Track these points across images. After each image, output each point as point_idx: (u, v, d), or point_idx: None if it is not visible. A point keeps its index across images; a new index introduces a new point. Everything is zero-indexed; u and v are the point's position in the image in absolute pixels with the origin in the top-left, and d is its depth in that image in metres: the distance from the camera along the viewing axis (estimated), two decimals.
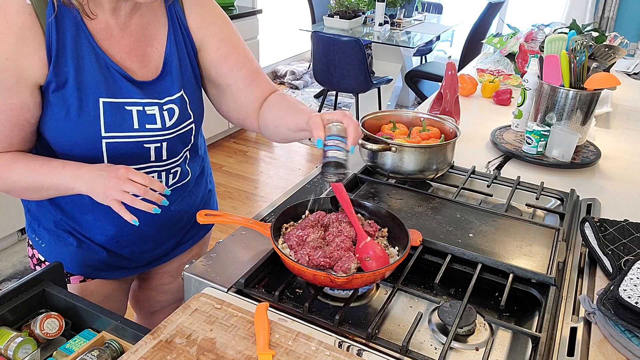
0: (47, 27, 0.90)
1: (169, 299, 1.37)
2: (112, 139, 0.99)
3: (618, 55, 1.58)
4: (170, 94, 1.04)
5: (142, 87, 1.01)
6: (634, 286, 0.90)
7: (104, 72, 0.96)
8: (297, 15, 5.76)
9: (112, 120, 0.97)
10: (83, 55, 0.94)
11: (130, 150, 1.01)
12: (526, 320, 0.97)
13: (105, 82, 0.96)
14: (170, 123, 1.04)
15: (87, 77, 0.95)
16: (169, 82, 1.04)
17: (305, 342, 0.82)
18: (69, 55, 0.93)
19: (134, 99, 0.99)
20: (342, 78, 4.04)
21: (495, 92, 2.18)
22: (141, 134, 1.01)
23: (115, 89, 0.97)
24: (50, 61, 0.91)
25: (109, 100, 0.97)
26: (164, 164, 1.08)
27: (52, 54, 0.91)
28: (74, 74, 0.93)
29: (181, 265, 1.30)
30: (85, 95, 0.95)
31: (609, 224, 1.13)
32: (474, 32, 4.45)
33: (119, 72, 0.97)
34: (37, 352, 0.85)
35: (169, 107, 1.04)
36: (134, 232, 1.13)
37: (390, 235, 1.05)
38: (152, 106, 1.01)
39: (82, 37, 0.94)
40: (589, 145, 1.69)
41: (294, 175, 3.79)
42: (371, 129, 1.43)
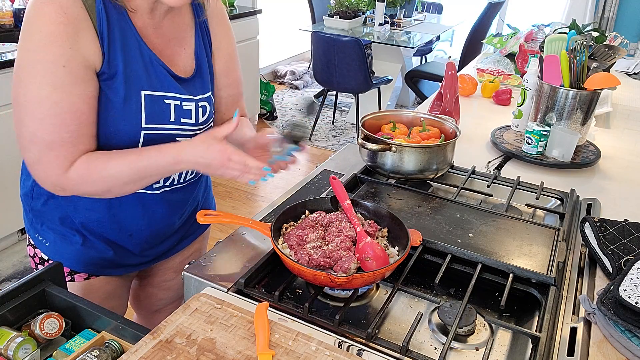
0: (97, 19, 0.92)
1: (170, 296, 1.37)
2: (150, 130, 1.01)
3: (618, 55, 1.58)
4: (203, 92, 1.09)
5: (181, 83, 1.04)
6: (634, 286, 0.90)
7: (147, 65, 0.99)
8: (297, 15, 5.76)
9: (152, 112, 1.00)
10: (130, 48, 0.96)
11: (164, 141, 1.03)
12: (526, 320, 0.97)
13: (148, 76, 0.99)
14: (202, 119, 1.08)
15: (133, 70, 0.97)
16: (202, 81, 1.09)
17: (305, 342, 0.82)
18: (119, 47, 0.95)
19: (173, 94, 1.02)
20: (342, 78, 4.04)
21: (495, 92, 2.18)
22: (176, 127, 1.04)
23: (156, 83, 1.00)
24: (104, 52, 0.93)
25: (150, 93, 0.99)
26: None
27: (104, 45, 0.93)
28: (122, 65, 0.95)
29: (183, 260, 1.31)
30: (130, 87, 0.97)
31: (609, 224, 1.13)
32: (474, 32, 4.45)
33: (162, 66, 1.01)
34: (37, 352, 0.85)
35: (203, 104, 1.08)
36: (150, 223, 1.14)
37: (390, 235, 1.05)
38: (189, 102, 1.05)
39: (129, 31, 0.96)
40: (589, 145, 1.69)
41: (294, 175, 3.79)
42: (371, 129, 1.43)
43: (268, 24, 4.70)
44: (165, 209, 1.14)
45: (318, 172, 1.43)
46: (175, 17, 1.05)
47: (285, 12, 5.95)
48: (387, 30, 4.59)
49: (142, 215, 1.12)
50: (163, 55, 1.02)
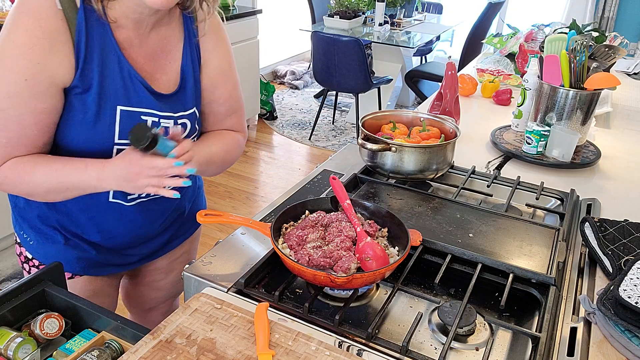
0: (77, 32, 0.91)
1: (161, 295, 1.37)
2: (124, 145, 1.00)
3: (618, 55, 1.58)
4: (185, 109, 1.07)
5: (160, 99, 1.02)
6: (634, 286, 0.90)
7: (126, 81, 0.98)
8: (297, 15, 5.76)
9: (126, 128, 0.98)
10: (108, 62, 0.95)
11: None
12: (526, 320, 0.97)
13: (126, 91, 0.98)
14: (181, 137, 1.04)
15: (110, 85, 0.96)
16: (184, 97, 1.06)
17: (305, 342, 0.82)
18: (96, 61, 0.94)
19: (151, 110, 1.01)
20: (342, 78, 4.04)
21: (495, 92, 2.18)
22: None
23: (134, 98, 0.99)
24: (78, 66, 0.92)
25: (127, 108, 0.98)
26: None
27: (80, 60, 0.92)
28: (98, 80, 0.95)
29: (172, 261, 1.30)
30: (105, 102, 0.96)
31: (609, 224, 1.13)
32: (474, 32, 4.45)
33: (141, 82, 0.99)
34: (37, 352, 0.85)
35: (182, 121, 1.06)
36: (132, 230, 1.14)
37: (390, 235, 1.05)
38: (167, 119, 1.04)
39: (109, 46, 0.95)
40: (589, 145, 1.69)
41: (294, 175, 3.79)
42: (371, 129, 1.43)
43: (268, 24, 4.70)
44: (143, 217, 1.13)
45: (318, 172, 1.43)
46: (163, 30, 1.03)
47: (285, 12, 5.95)
48: (387, 30, 4.59)
49: (120, 222, 1.11)
50: (145, 69, 1.01)
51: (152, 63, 1.02)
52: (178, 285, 1.38)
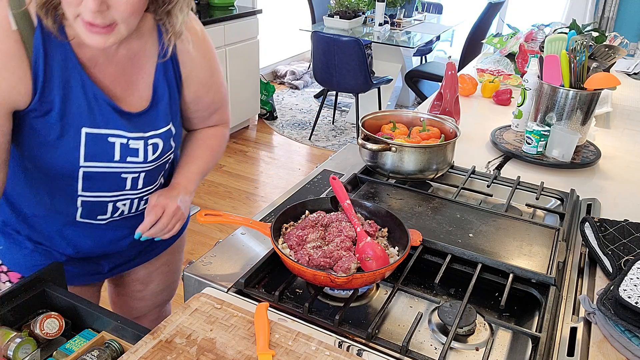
0: (34, 54, 0.86)
1: (145, 305, 1.35)
2: (90, 167, 0.97)
3: (618, 55, 1.58)
4: (156, 128, 1.02)
5: (129, 119, 0.98)
6: (634, 286, 0.90)
7: (91, 102, 0.93)
8: (297, 15, 5.76)
9: (92, 151, 0.95)
10: (71, 84, 0.90)
11: (107, 179, 1.00)
12: (526, 320, 0.97)
13: (91, 113, 0.93)
14: (152, 157, 1.03)
15: (73, 107, 0.91)
16: (156, 115, 1.01)
17: (305, 342, 0.82)
18: (56, 83, 0.89)
19: (119, 131, 0.97)
20: (342, 78, 4.03)
21: (495, 92, 2.18)
22: (121, 166, 0.99)
23: (100, 120, 0.94)
24: (37, 90, 0.88)
25: (92, 131, 0.94)
26: (139, 192, 1.07)
27: (38, 83, 0.87)
28: (59, 102, 0.90)
29: (150, 272, 1.28)
30: (68, 125, 0.92)
31: (609, 224, 1.13)
32: (474, 32, 4.45)
33: (108, 103, 0.94)
34: (37, 352, 0.85)
35: (154, 141, 1.02)
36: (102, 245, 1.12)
37: (390, 235, 1.05)
38: (137, 140, 0.99)
39: (71, 67, 0.90)
40: (589, 145, 1.69)
41: (294, 175, 3.79)
42: (371, 129, 1.43)
43: (268, 24, 4.70)
44: (114, 234, 1.11)
45: (318, 172, 1.43)
46: (134, 44, 0.96)
47: (285, 12, 5.95)
48: (387, 30, 4.59)
49: (89, 238, 1.09)
50: (112, 88, 0.96)
51: (122, 79, 0.97)
52: (162, 294, 1.36)
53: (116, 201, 1.05)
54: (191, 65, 1.05)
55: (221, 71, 1.15)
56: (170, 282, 1.37)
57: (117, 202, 1.05)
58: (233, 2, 4.07)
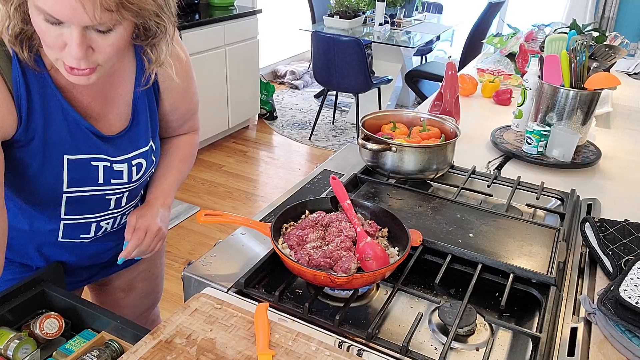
0: (14, 85, 0.84)
1: (130, 312, 1.33)
2: (73, 193, 0.96)
3: (618, 55, 1.58)
4: (139, 147, 1.01)
5: (110, 142, 0.97)
6: (635, 286, 0.90)
7: (72, 129, 0.92)
8: (297, 15, 5.76)
9: (75, 177, 0.95)
10: (51, 111, 0.89)
11: (91, 202, 1.00)
12: (526, 321, 0.97)
13: (73, 139, 0.92)
14: (137, 177, 1.02)
15: (54, 134, 0.90)
16: (137, 133, 1.00)
17: (305, 343, 0.82)
18: (39, 113, 0.88)
19: (102, 155, 0.96)
20: (342, 78, 4.03)
21: (496, 92, 2.18)
22: (105, 188, 0.99)
23: (82, 146, 0.93)
24: (21, 120, 0.86)
25: (74, 157, 0.93)
26: (122, 209, 1.08)
27: (22, 115, 0.86)
28: (41, 131, 0.89)
29: (130, 280, 1.28)
30: (50, 152, 0.91)
31: (609, 224, 1.13)
32: (474, 32, 4.45)
33: (89, 128, 0.93)
34: (36, 352, 0.85)
35: (138, 161, 1.01)
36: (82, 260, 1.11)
37: (390, 235, 1.05)
38: (120, 163, 0.99)
39: (49, 94, 0.88)
40: (590, 145, 1.68)
41: (294, 175, 3.79)
42: (371, 129, 1.43)
43: (268, 24, 4.70)
44: (96, 249, 1.11)
45: (318, 172, 1.43)
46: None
47: (285, 12, 5.95)
48: (387, 30, 4.59)
49: (71, 255, 1.09)
50: (92, 110, 0.94)
51: (101, 100, 0.95)
52: (146, 300, 1.36)
53: (99, 221, 1.05)
54: (169, 78, 1.02)
55: (195, 79, 1.13)
56: (153, 288, 1.36)
57: (101, 222, 1.06)
58: (233, 2, 4.07)
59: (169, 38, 0.90)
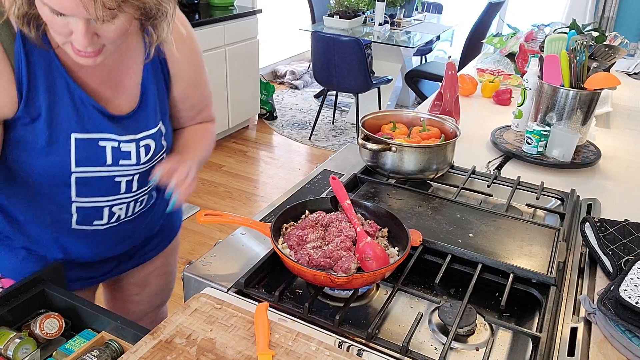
0: (16, 63, 0.85)
1: (141, 309, 1.34)
2: (82, 173, 0.97)
3: (618, 55, 1.58)
4: (148, 128, 1.01)
5: (118, 122, 0.97)
6: (634, 286, 0.90)
7: (79, 107, 0.92)
8: (297, 15, 5.76)
9: (83, 156, 0.95)
10: (56, 90, 0.90)
11: (101, 183, 1.00)
12: (526, 321, 0.97)
13: (79, 118, 0.93)
14: (145, 159, 1.02)
15: (60, 113, 0.91)
16: (146, 115, 1.01)
17: (305, 343, 0.82)
18: (41, 90, 0.88)
19: (109, 135, 0.96)
20: (342, 78, 4.03)
21: (496, 92, 2.18)
22: (114, 169, 0.99)
23: (89, 125, 0.94)
24: (22, 98, 0.87)
25: (81, 136, 0.94)
26: (134, 195, 1.07)
27: (23, 91, 0.87)
28: (46, 109, 0.89)
29: (145, 276, 1.28)
30: (56, 131, 0.91)
31: (609, 224, 1.13)
32: (474, 32, 4.45)
33: (95, 107, 0.94)
34: (37, 352, 0.85)
35: (146, 143, 1.01)
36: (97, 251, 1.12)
37: (390, 235, 1.05)
38: (128, 143, 0.99)
39: (55, 72, 0.89)
40: (589, 145, 1.68)
41: (294, 175, 3.79)
42: (371, 129, 1.43)
43: (268, 24, 4.70)
44: (111, 239, 1.11)
45: (318, 172, 1.43)
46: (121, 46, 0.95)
47: (285, 12, 5.95)
48: (387, 30, 4.59)
49: (86, 245, 1.09)
50: (99, 91, 0.95)
51: (110, 82, 0.96)
52: (158, 297, 1.36)
53: (112, 206, 1.05)
54: (179, 64, 1.04)
55: (206, 70, 1.14)
56: (165, 285, 1.36)
57: (113, 207, 1.05)
58: (233, 2, 4.07)
59: (170, 18, 0.92)
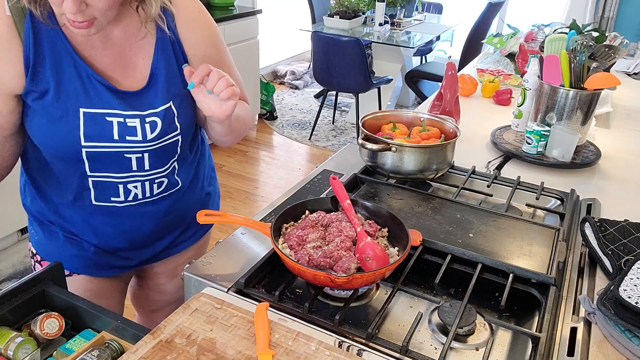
0: (25, 39, 0.91)
1: (166, 299, 1.37)
2: (92, 148, 0.99)
3: (618, 55, 1.58)
4: (154, 107, 1.02)
5: (124, 98, 1.00)
6: (634, 286, 0.90)
7: (85, 82, 0.96)
8: (297, 15, 5.76)
9: (91, 131, 0.98)
10: (63, 66, 0.94)
11: (111, 159, 1.02)
12: (526, 320, 0.97)
13: (86, 93, 0.96)
14: (151, 136, 1.03)
15: (68, 88, 0.95)
16: (153, 94, 1.02)
17: (305, 342, 0.82)
18: (48, 65, 0.93)
19: (115, 110, 0.99)
20: (342, 78, 4.03)
21: (496, 92, 2.18)
22: (121, 145, 1.01)
23: (96, 100, 0.97)
24: (28, 72, 0.92)
25: (89, 110, 0.97)
26: (147, 174, 1.08)
27: (29, 65, 0.92)
28: (54, 84, 0.94)
29: (176, 266, 1.29)
30: (65, 105, 0.95)
31: (609, 224, 1.13)
32: (474, 32, 4.45)
33: (101, 82, 0.97)
34: (37, 352, 0.85)
35: (152, 119, 1.02)
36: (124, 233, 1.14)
37: (390, 235, 1.05)
38: (133, 118, 1.00)
39: (61, 48, 0.94)
40: (589, 145, 1.69)
41: (294, 175, 3.79)
42: (371, 129, 1.43)
43: (268, 24, 4.70)
44: (132, 220, 1.13)
45: (318, 172, 1.43)
46: (130, 27, 0.99)
47: (285, 12, 5.95)
48: (387, 30, 4.59)
49: (110, 225, 1.12)
50: (107, 68, 0.99)
51: (121, 62, 1.00)
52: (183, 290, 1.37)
53: (126, 183, 1.07)
54: (193, 42, 1.05)
55: (229, 53, 1.14)
56: None
57: (128, 184, 1.07)
58: (233, 2, 4.07)
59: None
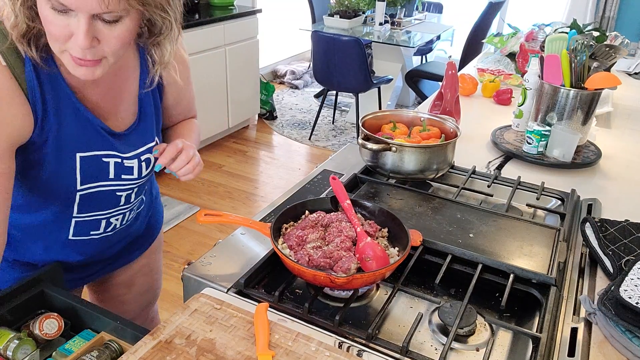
0: (28, 86, 0.84)
1: (130, 309, 1.33)
2: (86, 190, 0.98)
3: (619, 55, 1.58)
4: (146, 142, 1.02)
5: (120, 138, 0.98)
6: (635, 286, 0.90)
7: (84, 126, 0.92)
8: (297, 14, 5.76)
9: (88, 173, 0.96)
10: (63, 110, 0.90)
11: (102, 197, 1.01)
12: (527, 321, 0.97)
13: (85, 137, 0.93)
14: (146, 172, 1.04)
15: (67, 133, 0.91)
16: (145, 128, 1.02)
17: (305, 343, 0.82)
18: (52, 112, 0.88)
19: (112, 152, 0.97)
20: (342, 78, 4.03)
21: (496, 92, 2.18)
22: (115, 184, 1.00)
23: (94, 143, 0.95)
24: (37, 121, 0.87)
25: (86, 154, 0.94)
26: (131, 205, 1.09)
27: (38, 113, 0.86)
28: (55, 131, 0.89)
29: (131, 275, 1.28)
30: (63, 152, 0.92)
31: (609, 224, 1.13)
32: (475, 32, 4.44)
33: (100, 125, 0.94)
34: (36, 353, 0.85)
35: (146, 157, 1.03)
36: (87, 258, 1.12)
37: (390, 235, 1.05)
38: (131, 159, 1.00)
39: (62, 93, 0.89)
40: (590, 145, 1.68)
41: (294, 175, 3.79)
42: (371, 128, 1.43)
43: (268, 24, 4.70)
44: (104, 245, 1.12)
45: (318, 172, 1.43)
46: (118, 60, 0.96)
47: (285, 11, 5.95)
48: (387, 29, 4.59)
49: (79, 253, 1.09)
50: (101, 108, 0.95)
51: (111, 97, 0.97)
52: (146, 296, 1.36)
53: (110, 217, 1.06)
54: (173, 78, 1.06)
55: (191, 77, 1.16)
56: (152, 283, 1.37)
57: (111, 218, 1.07)
58: (233, 2, 4.07)
59: (174, 38, 0.91)
